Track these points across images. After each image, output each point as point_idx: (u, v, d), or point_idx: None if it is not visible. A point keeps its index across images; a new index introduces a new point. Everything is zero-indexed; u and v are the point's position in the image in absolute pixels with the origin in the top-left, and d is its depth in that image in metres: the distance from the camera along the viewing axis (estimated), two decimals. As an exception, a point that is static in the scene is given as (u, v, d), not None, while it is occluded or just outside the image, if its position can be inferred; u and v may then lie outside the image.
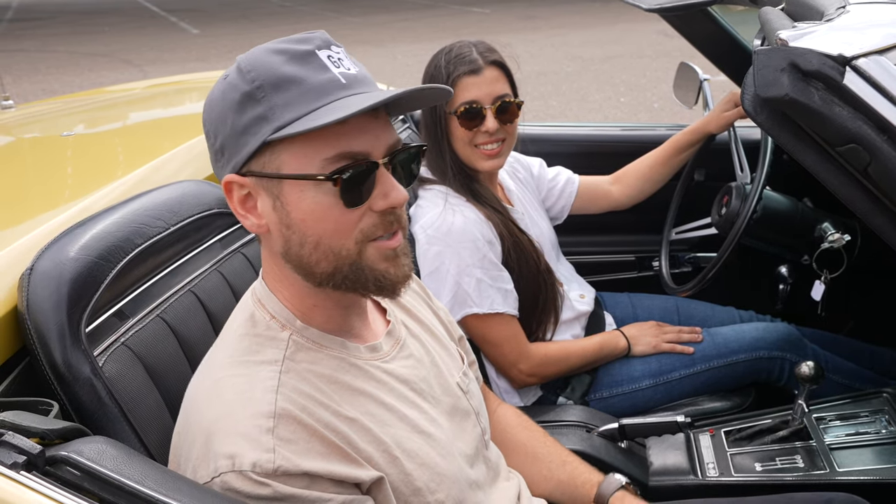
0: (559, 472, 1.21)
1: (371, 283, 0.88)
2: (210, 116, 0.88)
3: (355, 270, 0.87)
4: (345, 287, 0.88)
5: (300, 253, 0.86)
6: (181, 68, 8.38)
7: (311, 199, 0.83)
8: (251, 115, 0.83)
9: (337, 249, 0.85)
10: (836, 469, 1.35)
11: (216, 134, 0.87)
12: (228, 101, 0.84)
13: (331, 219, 0.84)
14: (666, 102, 6.22)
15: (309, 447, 0.83)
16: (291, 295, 0.92)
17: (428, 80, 1.63)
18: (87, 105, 2.17)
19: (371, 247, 0.86)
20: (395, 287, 0.89)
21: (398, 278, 0.89)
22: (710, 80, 2.02)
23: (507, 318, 1.61)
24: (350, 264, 0.86)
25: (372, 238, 0.86)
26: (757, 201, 1.65)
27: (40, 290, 0.90)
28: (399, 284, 0.89)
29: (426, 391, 1.00)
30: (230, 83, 0.85)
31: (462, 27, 11.21)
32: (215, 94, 0.87)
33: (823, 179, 0.88)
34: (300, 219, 0.84)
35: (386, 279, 0.88)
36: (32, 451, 0.72)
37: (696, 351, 1.73)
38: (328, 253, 0.85)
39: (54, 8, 15.74)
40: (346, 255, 0.86)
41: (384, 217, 0.86)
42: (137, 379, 0.96)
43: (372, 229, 0.86)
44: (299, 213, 0.84)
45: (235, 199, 0.88)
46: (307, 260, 0.86)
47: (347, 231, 0.85)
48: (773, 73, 0.81)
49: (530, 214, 1.80)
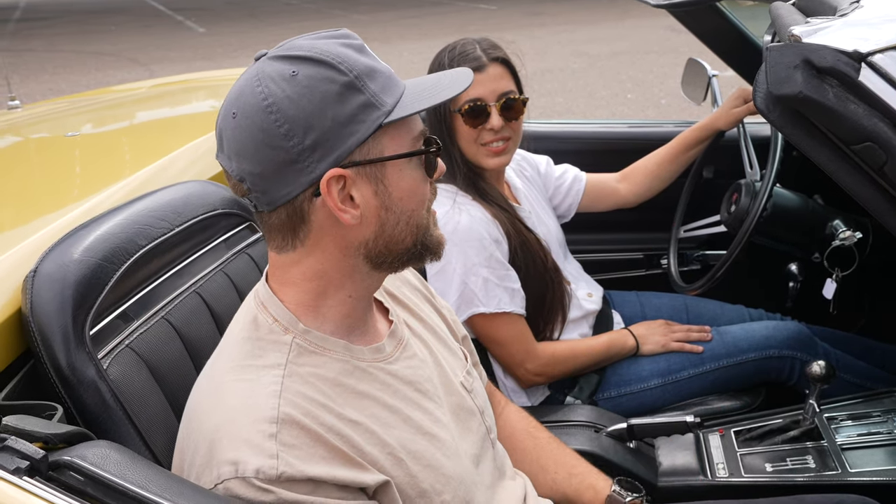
0: (565, 486, 1.20)
1: (434, 250, 0.95)
2: (297, 113, 0.81)
3: (426, 239, 0.94)
4: (410, 260, 0.94)
5: (393, 233, 0.90)
6: (187, 67, 8.39)
7: (408, 176, 0.89)
8: (355, 103, 0.83)
9: (418, 220, 0.92)
10: (847, 470, 1.33)
11: (307, 130, 0.82)
12: (324, 93, 0.82)
13: (420, 191, 0.91)
14: (673, 99, 6.18)
15: (313, 452, 0.82)
16: (301, 296, 0.91)
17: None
18: (92, 105, 2.17)
19: (430, 215, 0.95)
20: (440, 250, 0.97)
21: (442, 240, 0.97)
22: (718, 75, 2.00)
23: (515, 317, 1.60)
24: (425, 233, 0.93)
25: (430, 206, 0.95)
26: (767, 199, 1.63)
27: (44, 293, 0.90)
28: (443, 246, 0.98)
29: (430, 391, 0.99)
30: (315, 76, 0.82)
31: (468, 24, 11.19)
32: (298, 89, 0.81)
33: (838, 178, 0.87)
34: (399, 197, 0.89)
35: (441, 243, 0.97)
36: (36, 457, 0.71)
37: (706, 350, 1.72)
38: (413, 227, 0.91)
39: (61, 7, 15.80)
40: (423, 225, 0.93)
41: (433, 186, 0.95)
42: (142, 381, 0.96)
43: (432, 198, 0.95)
44: (399, 192, 0.89)
45: (336, 194, 0.85)
46: (396, 238, 0.90)
47: (426, 201, 0.93)
48: (785, 69, 0.79)
49: (537, 213, 1.79)
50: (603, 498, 1.16)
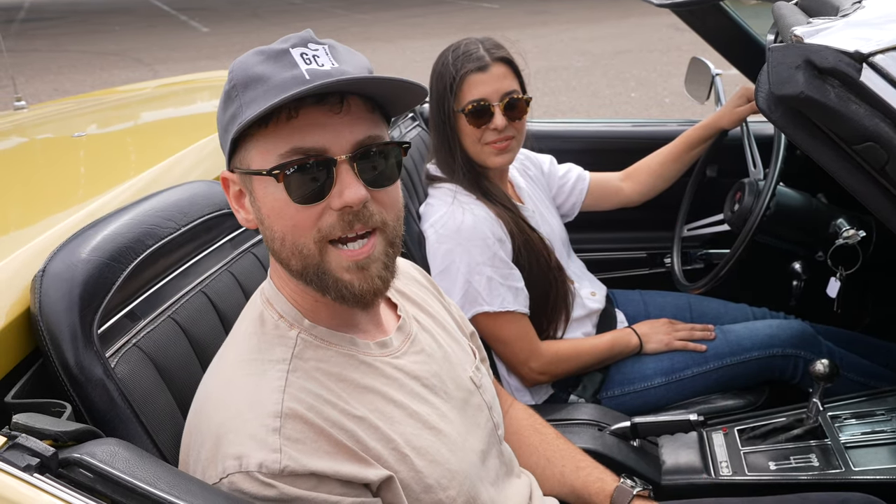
0: (572, 478, 1.20)
1: (332, 291, 0.86)
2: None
3: (320, 275, 0.86)
4: (318, 290, 0.88)
5: (273, 248, 0.88)
6: (191, 67, 8.41)
7: (271, 195, 0.85)
8: (229, 113, 0.87)
9: (299, 247, 0.85)
10: (851, 468, 1.33)
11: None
12: (220, 101, 0.89)
13: (287, 215, 0.84)
14: (677, 97, 6.18)
15: (316, 447, 0.83)
16: (294, 292, 0.92)
17: (436, 77, 1.63)
18: (98, 105, 2.18)
19: (333, 252, 0.85)
20: (359, 299, 0.86)
21: (363, 290, 0.86)
22: (722, 74, 2.01)
23: (518, 316, 1.60)
24: (315, 266, 0.85)
25: (331, 238, 0.84)
26: (771, 197, 1.64)
27: (53, 292, 0.91)
28: (365, 296, 0.86)
29: (437, 386, 0.99)
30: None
31: (471, 23, 11.18)
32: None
33: (840, 178, 0.87)
34: (266, 214, 0.87)
35: (348, 290, 0.86)
36: (46, 454, 0.72)
37: (709, 349, 1.72)
38: (294, 250, 0.86)
39: (66, 7, 15.83)
40: (309, 255, 0.85)
41: (342, 216, 0.84)
42: (149, 380, 0.96)
43: (329, 228, 0.84)
44: (265, 209, 0.86)
45: (231, 194, 0.92)
46: (279, 256, 0.88)
47: (306, 228, 0.84)
48: (787, 70, 0.79)
49: (541, 212, 1.80)
50: (610, 490, 1.17)
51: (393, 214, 0.89)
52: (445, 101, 1.60)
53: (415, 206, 1.71)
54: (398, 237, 0.90)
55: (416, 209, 1.70)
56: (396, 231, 0.89)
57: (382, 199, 0.87)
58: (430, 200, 1.68)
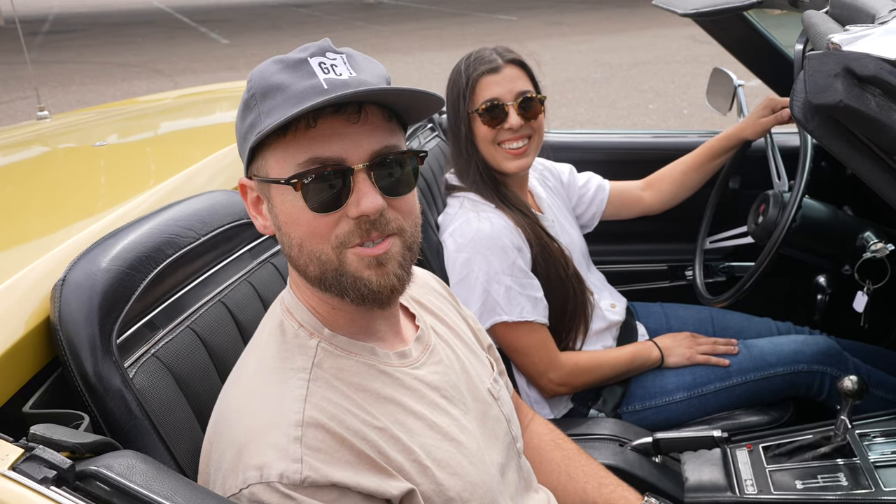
0: (595, 496, 1.18)
1: (351, 291, 0.86)
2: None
3: (338, 277, 0.86)
4: (337, 294, 0.88)
5: (290, 255, 0.89)
6: (211, 78, 8.51)
7: (289, 202, 0.86)
8: (247, 122, 0.87)
9: (317, 254, 0.86)
10: (882, 488, 1.29)
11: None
12: (239, 109, 0.90)
13: (304, 223, 0.85)
14: (696, 108, 6.14)
15: (338, 456, 0.81)
16: (313, 300, 0.91)
17: (451, 85, 1.63)
18: (119, 115, 2.20)
19: (350, 253, 0.85)
20: (377, 296, 0.87)
21: (380, 286, 0.86)
22: (744, 85, 1.98)
23: (537, 326, 1.58)
24: (333, 270, 0.86)
25: (349, 245, 0.85)
26: (796, 210, 1.61)
27: (72, 301, 0.90)
28: (383, 292, 0.86)
29: (456, 398, 0.98)
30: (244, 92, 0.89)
31: (489, 34, 11.22)
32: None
33: (879, 190, 0.84)
34: (284, 221, 0.87)
35: (366, 287, 0.86)
36: (63, 466, 0.71)
37: (732, 363, 1.69)
38: (311, 257, 0.86)
39: (90, 19, 16.10)
40: (328, 261, 0.86)
41: (359, 224, 0.84)
42: (167, 391, 0.96)
43: (347, 236, 0.85)
44: (282, 216, 0.87)
45: (249, 200, 0.93)
46: (297, 262, 0.88)
47: (323, 236, 0.85)
48: (825, 78, 0.77)
49: (560, 222, 1.78)
50: None
51: (410, 221, 0.89)
52: (460, 106, 1.60)
53: (434, 216, 1.70)
54: (416, 243, 0.90)
55: (434, 220, 1.69)
56: (414, 237, 0.90)
57: (400, 207, 0.88)
58: (448, 210, 1.67)
